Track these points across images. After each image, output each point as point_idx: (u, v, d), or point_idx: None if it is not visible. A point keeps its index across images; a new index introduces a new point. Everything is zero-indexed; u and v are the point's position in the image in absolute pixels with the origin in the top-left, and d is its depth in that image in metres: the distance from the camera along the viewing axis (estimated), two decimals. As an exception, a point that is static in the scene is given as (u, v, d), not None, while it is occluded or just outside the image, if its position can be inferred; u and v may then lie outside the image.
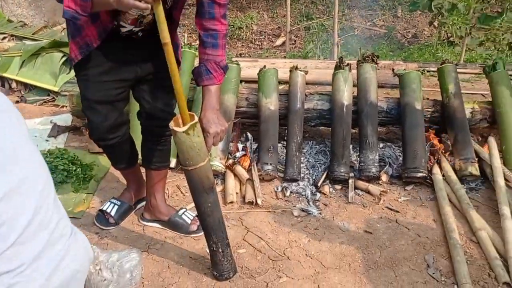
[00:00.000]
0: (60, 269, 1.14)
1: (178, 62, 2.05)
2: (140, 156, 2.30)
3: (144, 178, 2.37)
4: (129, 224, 2.37)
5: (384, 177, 2.71)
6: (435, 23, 6.04)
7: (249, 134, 3.01)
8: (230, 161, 2.79)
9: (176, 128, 1.68)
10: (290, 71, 3.10)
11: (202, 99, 1.90)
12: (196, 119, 1.71)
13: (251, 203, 2.52)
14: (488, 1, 5.56)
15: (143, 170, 2.33)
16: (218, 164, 2.71)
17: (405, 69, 3.10)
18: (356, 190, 2.64)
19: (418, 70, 4.46)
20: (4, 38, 4.49)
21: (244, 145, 2.94)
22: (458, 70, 4.01)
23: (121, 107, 2.06)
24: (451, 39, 5.52)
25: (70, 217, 1.29)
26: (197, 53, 3.23)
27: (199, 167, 1.76)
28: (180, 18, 1.92)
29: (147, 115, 2.12)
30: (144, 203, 2.41)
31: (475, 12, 5.08)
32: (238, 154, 2.85)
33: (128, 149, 2.22)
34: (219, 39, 1.87)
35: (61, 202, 1.21)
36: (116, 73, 1.94)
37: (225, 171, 2.75)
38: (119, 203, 2.38)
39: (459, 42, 5.22)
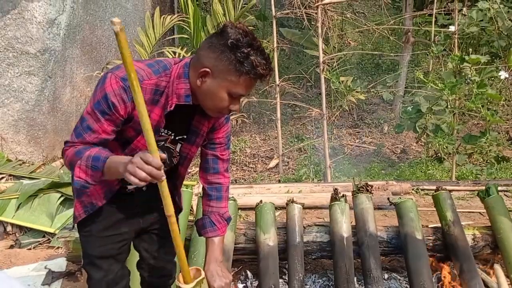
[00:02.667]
0: None
1: (180, 209, 2.08)
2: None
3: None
4: None
5: (393, 315, 2.61)
6: (422, 139, 6.27)
7: (248, 272, 2.93)
8: (232, 304, 2.68)
9: (182, 285, 1.65)
10: (287, 204, 3.13)
11: (205, 250, 1.90)
12: (203, 274, 1.70)
13: None
14: (471, 119, 5.83)
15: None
16: (219, 309, 2.60)
17: (400, 197, 3.13)
18: (366, 332, 2.52)
19: (412, 189, 4.56)
20: (2, 178, 4.55)
21: (244, 284, 2.85)
22: (452, 188, 4.08)
23: (123, 260, 2.03)
24: (439, 154, 5.69)
25: None
26: (194, 191, 3.31)
27: (204, 326, 1.70)
28: (186, 174, 1.98)
29: (148, 266, 2.08)
30: None
31: (459, 132, 5.30)
32: (239, 296, 2.76)
33: (126, 303, 2.14)
34: (223, 192, 1.93)
35: None
36: (119, 227, 1.93)
37: (226, 317, 2.62)
38: None
39: (448, 158, 5.37)
